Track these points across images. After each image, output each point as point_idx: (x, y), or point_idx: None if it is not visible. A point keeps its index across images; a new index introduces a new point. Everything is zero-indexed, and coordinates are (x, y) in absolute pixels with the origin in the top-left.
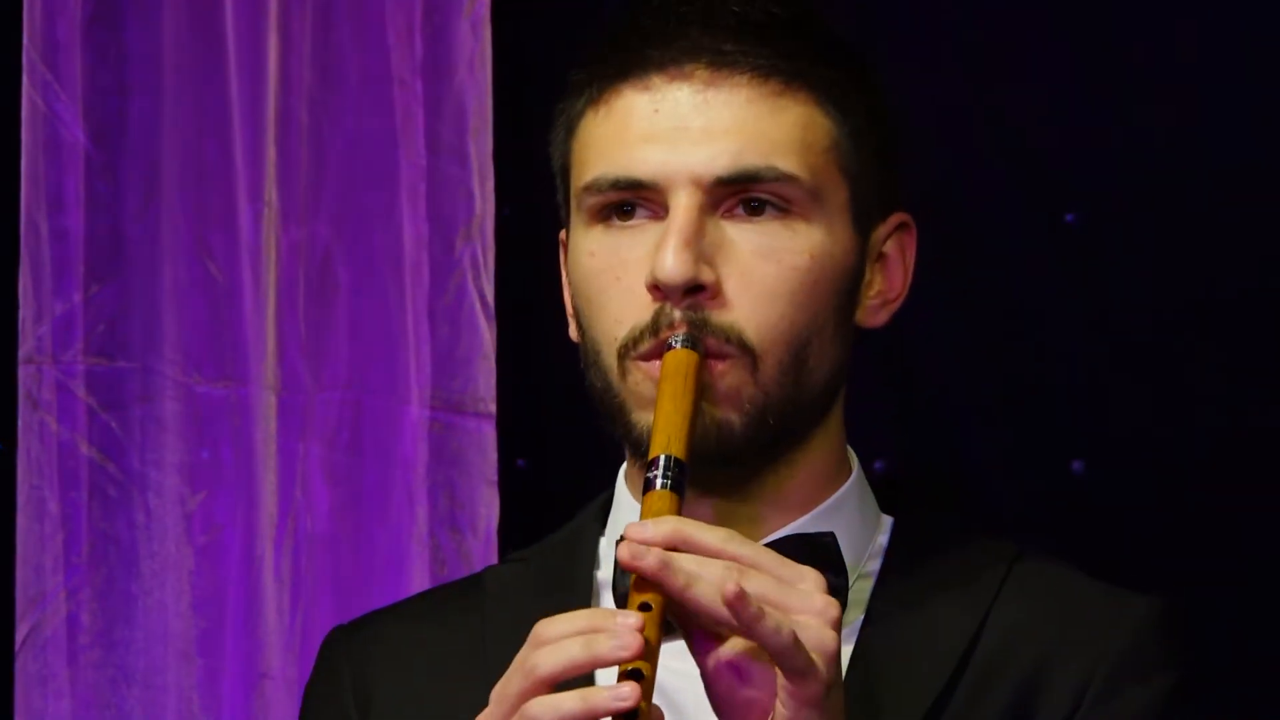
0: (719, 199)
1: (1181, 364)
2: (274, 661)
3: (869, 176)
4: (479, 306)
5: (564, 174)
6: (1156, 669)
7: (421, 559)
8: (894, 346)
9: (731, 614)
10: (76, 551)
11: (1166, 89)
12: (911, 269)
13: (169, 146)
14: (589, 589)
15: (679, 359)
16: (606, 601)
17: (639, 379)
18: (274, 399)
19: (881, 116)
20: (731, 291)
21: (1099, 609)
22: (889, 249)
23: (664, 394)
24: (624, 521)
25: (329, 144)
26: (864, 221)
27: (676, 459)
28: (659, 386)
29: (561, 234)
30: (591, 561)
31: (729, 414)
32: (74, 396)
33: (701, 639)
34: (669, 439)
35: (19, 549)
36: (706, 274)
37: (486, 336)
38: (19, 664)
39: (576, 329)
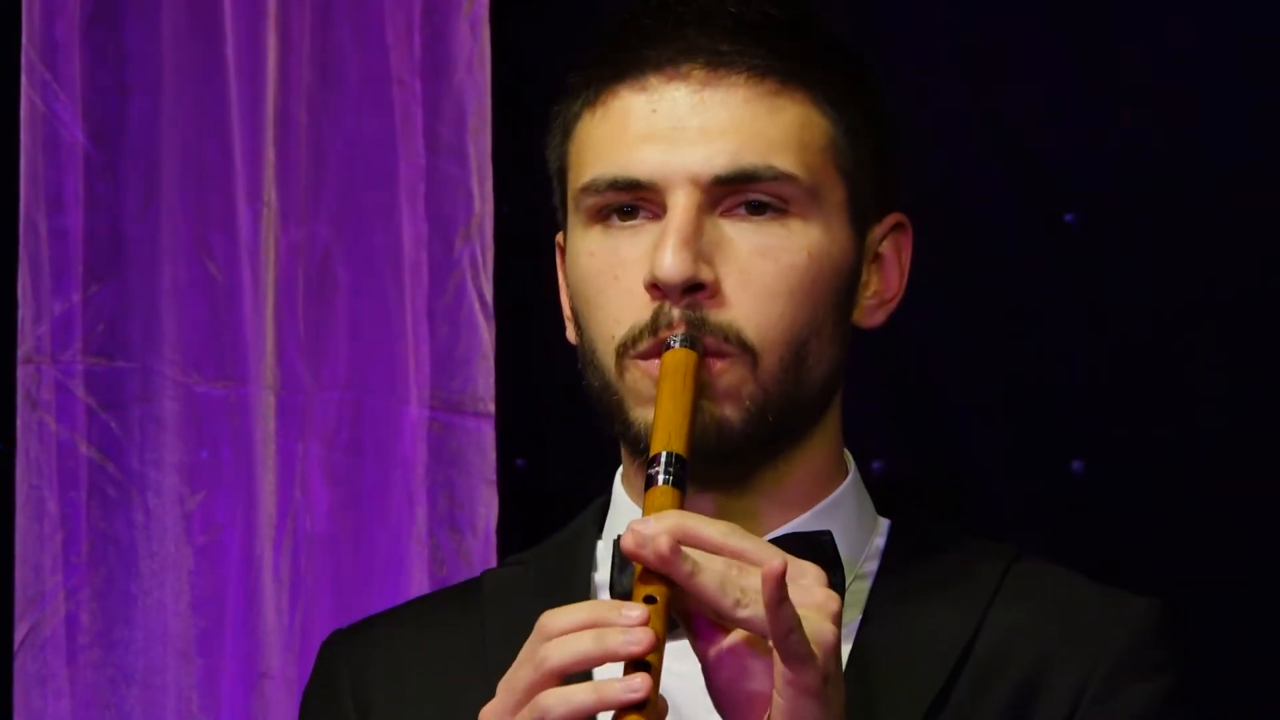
0: (717, 198)
1: (1181, 364)
2: (273, 661)
3: (866, 176)
4: (478, 306)
5: (561, 176)
6: (1155, 670)
7: (421, 559)
8: (893, 347)
9: (765, 591)
10: (76, 551)
11: (1165, 89)
12: (908, 269)
13: (168, 146)
14: (587, 591)
15: (678, 358)
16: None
17: (637, 377)
18: (273, 399)
19: (878, 117)
20: (730, 290)
21: (1097, 610)
22: (885, 249)
23: (663, 392)
24: (621, 524)
25: (328, 144)
26: (861, 221)
27: (678, 455)
28: (658, 385)
29: (558, 237)
30: (589, 564)
31: (729, 410)
32: (73, 396)
33: (704, 632)
34: (669, 436)
35: (18, 549)
36: (705, 273)
37: (486, 336)
38: (18, 664)
39: (574, 330)
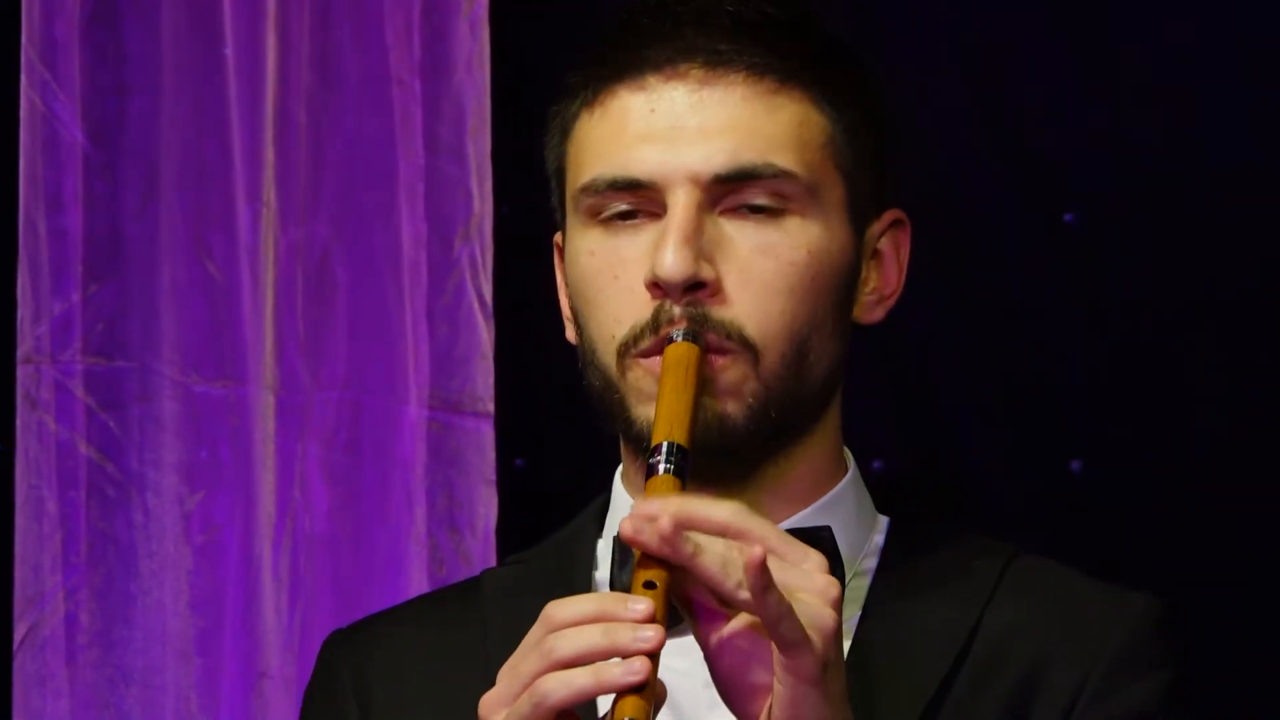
0: (717, 197)
1: (1181, 364)
2: (272, 661)
3: (864, 174)
4: (477, 306)
5: (559, 176)
6: (1154, 667)
7: (420, 559)
8: (893, 346)
9: (748, 580)
10: (75, 551)
11: (1165, 89)
12: (906, 265)
13: (167, 146)
14: (587, 590)
15: (680, 351)
16: None
17: (639, 374)
18: (272, 399)
19: (875, 114)
20: (731, 288)
21: (1096, 606)
22: (884, 246)
23: (665, 386)
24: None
25: (327, 144)
26: (860, 218)
27: (679, 446)
28: (660, 379)
29: (556, 237)
30: (590, 563)
31: (731, 406)
32: (72, 396)
33: (706, 618)
34: (671, 427)
35: (17, 548)
36: (706, 271)
37: (485, 336)
38: (17, 663)
39: (574, 331)
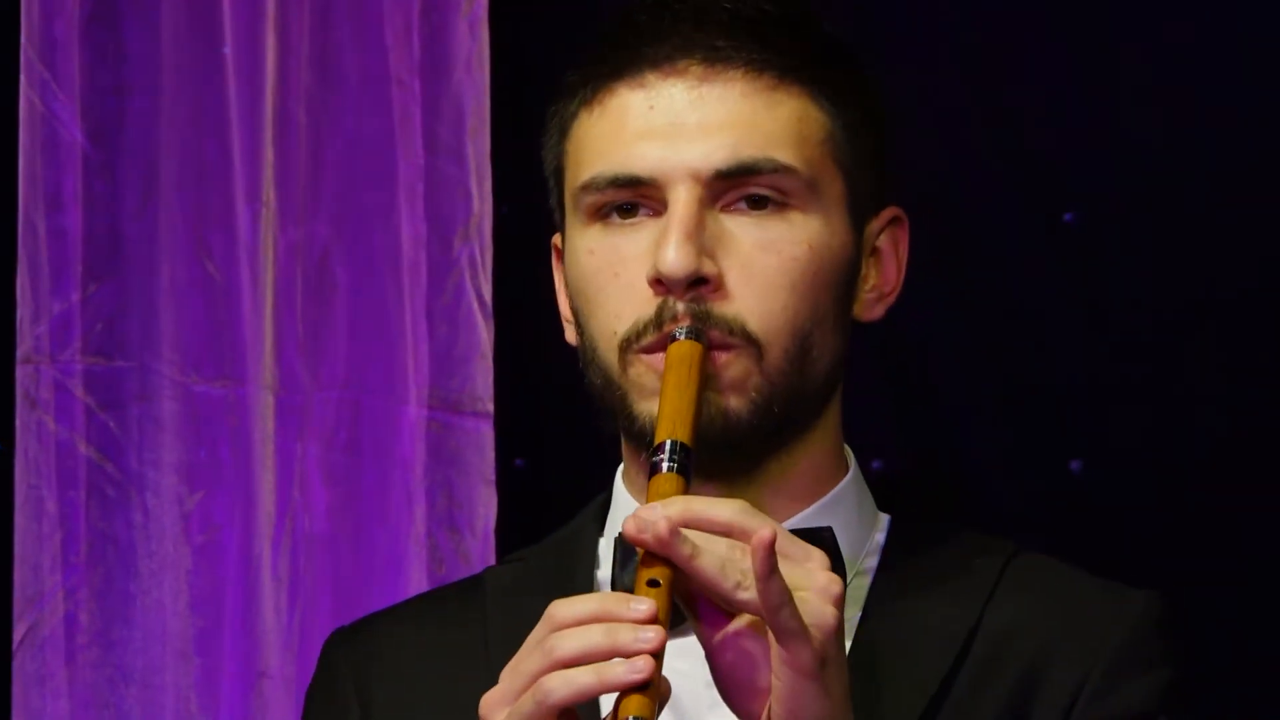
0: (717, 193)
1: (1181, 364)
2: (272, 661)
3: (864, 171)
4: (477, 306)
5: (558, 176)
6: (1154, 665)
7: (419, 559)
8: (893, 346)
9: (755, 561)
10: (74, 551)
11: (1165, 89)
12: (905, 262)
13: (167, 146)
14: (589, 589)
15: (683, 349)
16: None
17: (641, 370)
18: (272, 399)
19: (873, 111)
20: (733, 284)
21: (1097, 604)
22: (883, 243)
23: (668, 383)
24: (622, 521)
25: (327, 144)
26: (859, 215)
27: (682, 444)
28: (663, 376)
29: (555, 238)
30: (591, 561)
31: (734, 402)
32: (72, 396)
33: (708, 616)
34: (674, 425)
35: (17, 548)
36: (708, 266)
37: (484, 336)
38: (17, 663)
39: (573, 331)
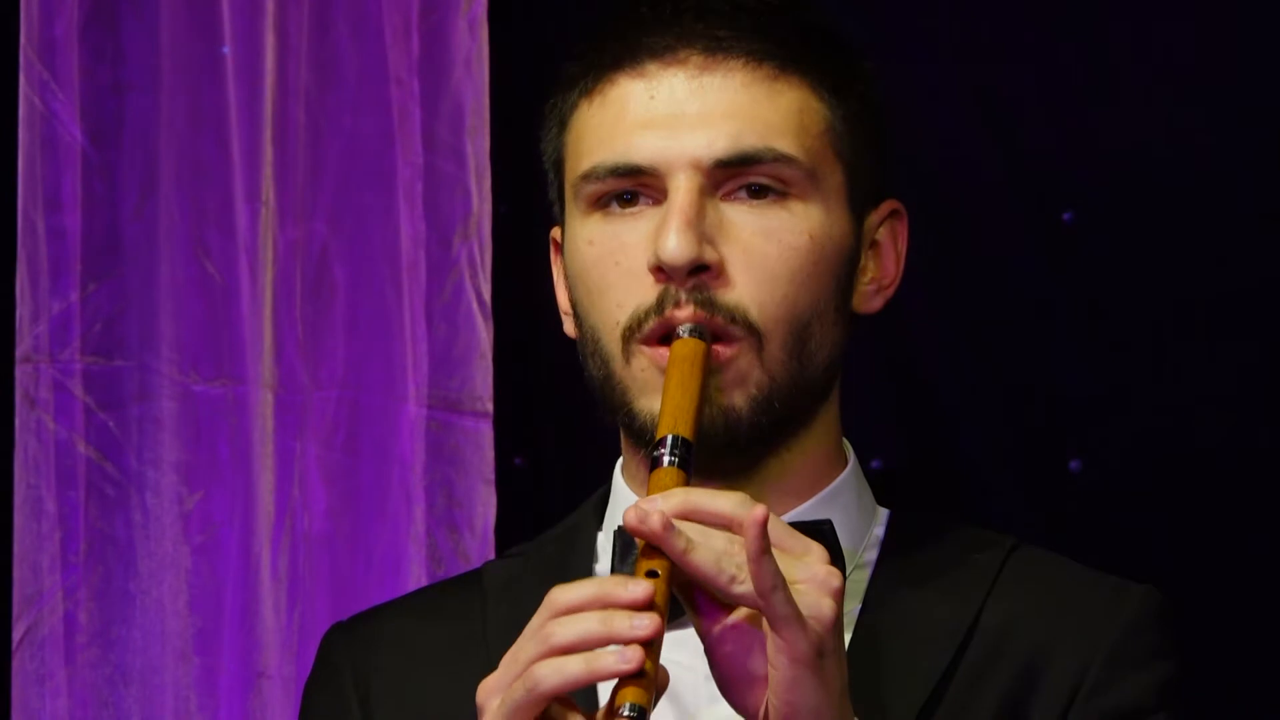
0: (718, 182)
1: (1180, 362)
2: (271, 660)
3: (863, 162)
4: (476, 305)
5: (558, 167)
6: (1153, 658)
7: (419, 558)
8: (893, 346)
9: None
10: (74, 550)
11: (1165, 89)
12: (904, 256)
13: (166, 145)
14: None
15: (687, 346)
16: None
17: (643, 364)
18: (271, 398)
19: (872, 104)
20: (734, 272)
21: (1096, 598)
22: (882, 236)
23: (671, 379)
24: (620, 514)
25: (326, 143)
26: (859, 207)
27: (683, 439)
28: (666, 371)
29: (553, 232)
30: (590, 555)
31: (736, 399)
32: (71, 395)
33: (706, 609)
34: (676, 420)
35: (16, 548)
36: (710, 254)
37: (484, 335)
38: (16, 663)
39: (572, 324)
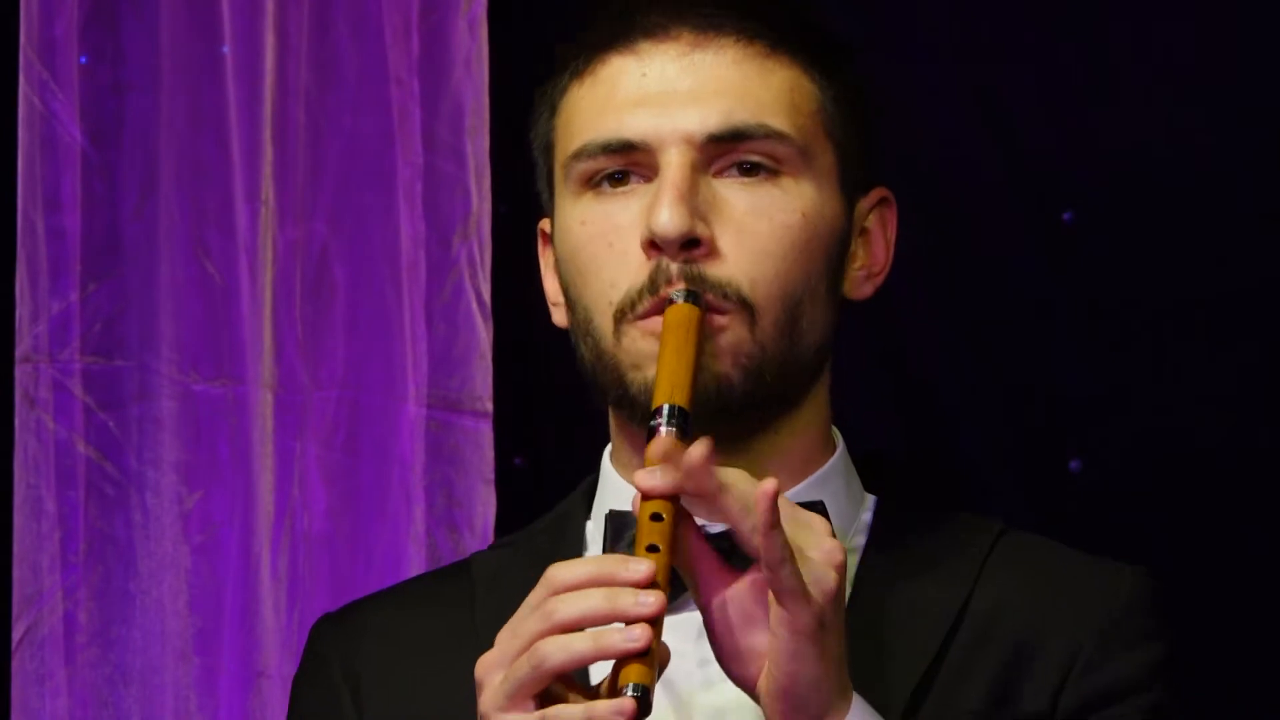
0: (710, 158)
1: (1180, 362)
2: (271, 660)
3: (853, 145)
4: (476, 305)
5: (547, 152)
6: (1146, 639)
7: (419, 558)
8: (892, 345)
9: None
10: (73, 550)
11: (1165, 89)
12: (893, 243)
13: (166, 145)
14: None
15: (681, 312)
16: None
17: (635, 338)
18: (271, 398)
19: (862, 89)
20: (727, 248)
21: (1087, 580)
22: (871, 223)
23: (666, 346)
24: (612, 500)
25: (326, 143)
26: (849, 190)
27: (680, 407)
28: (661, 339)
29: (542, 223)
30: (579, 543)
31: (728, 368)
32: (71, 395)
33: (707, 584)
34: (672, 389)
35: (16, 547)
36: (702, 229)
37: (483, 335)
38: (16, 662)
39: (562, 312)
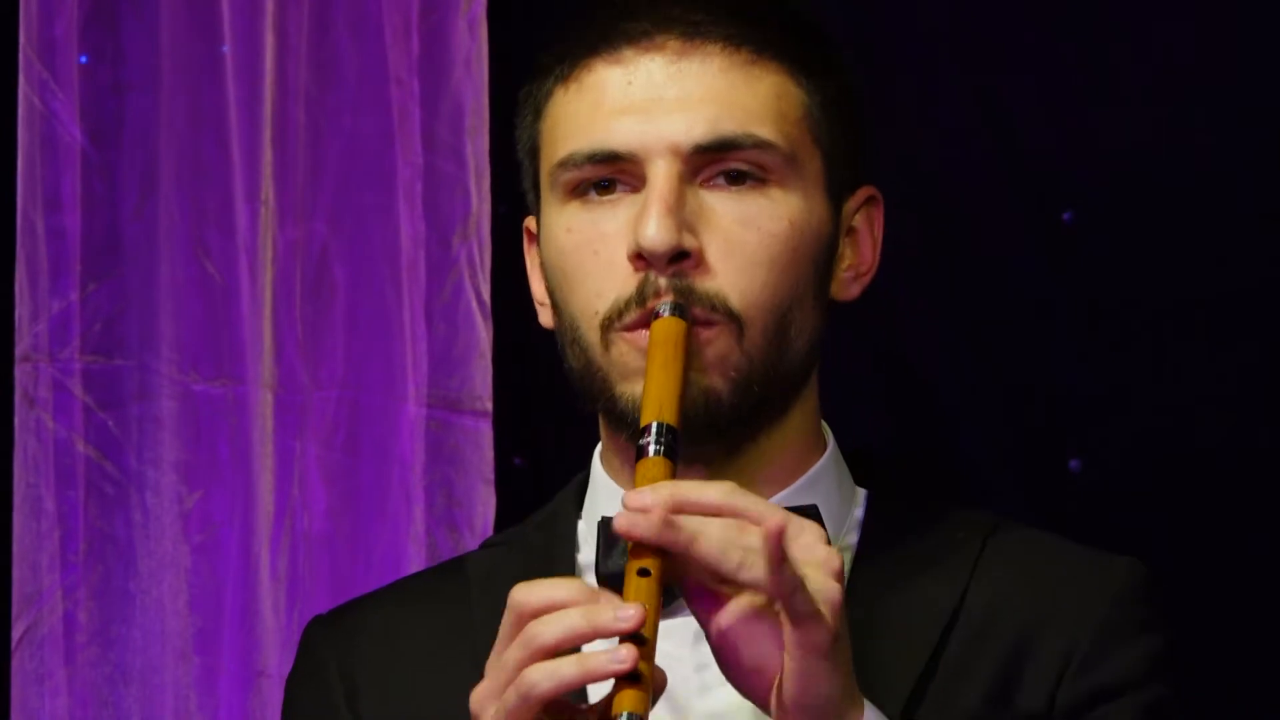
0: (697, 168)
1: (1180, 362)
2: (271, 660)
3: (840, 148)
4: (475, 305)
5: (532, 156)
6: (1141, 631)
7: (419, 557)
8: (892, 345)
9: (765, 551)
10: (73, 550)
11: (1165, 89)
12: (880, 242)
13: (166, 145)
14: (570, 573)
15: (667, 327)
16: (589, 583)
17: (623, 350)
18: (271, 397)
19: (850, 89)
20: (714, 259)
21: (1081, 573)
22: (859, 222)
23: (654, 361)
24: (602, 503)
25: (326, 143)
26: (837, 192)
27: (669, 426)
28: (648, 354)
29: (527, 222)
30: (571, 544)
31: (716, 381)
32: (71, 395)
33: (704, 601)
34: (660, 406)
35: (15, 547)
36: (690, 241)
37: (483, 335)
38: (15, 662)
39: (549, 314)
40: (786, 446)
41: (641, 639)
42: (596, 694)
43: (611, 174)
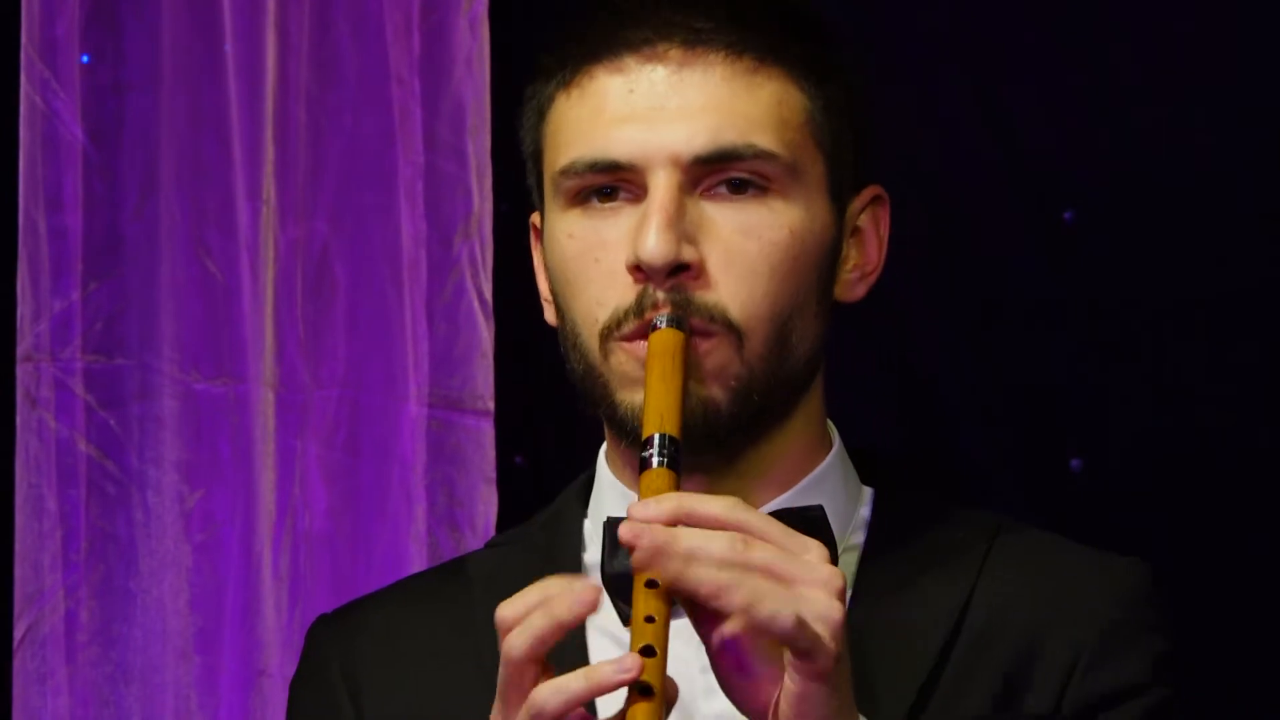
0: (698, 178)
1: (1180, 362)
2: (272, 659)
3: (844, 150)
4: (477, 304)
5: (536, 158)
6: (1146, 634)
7: (420, 557)
8: (892, 346)
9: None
10: (75, 549)
11: (1164, 89)
12: (886, 241)
13: (167, 145)
14: (576, 571)
15: (665, 338)
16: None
17: (622, 359)
18: (272, 397)
19: (853, 89)
20: (714, 270)
21: (1085, 576)
22: (864, 222)
23: (653, 373)
24: (608, 503)
25: (327, 142)
26: (840, 195)
27: (671, 437)
28: (647, 365)
29: (533, 217)
30: (578, 544)
31: (715, 391)
32: (72, 394)
33: (706, 615)
34: (661, 417)
35: (17, 546)
36: (689, 253)
37: (484, 334)
38: (17, 661)
39: (553, 312)
40: (789, 449)
41: (651, 651)
42: (605, 710)
43: (612, 182)
